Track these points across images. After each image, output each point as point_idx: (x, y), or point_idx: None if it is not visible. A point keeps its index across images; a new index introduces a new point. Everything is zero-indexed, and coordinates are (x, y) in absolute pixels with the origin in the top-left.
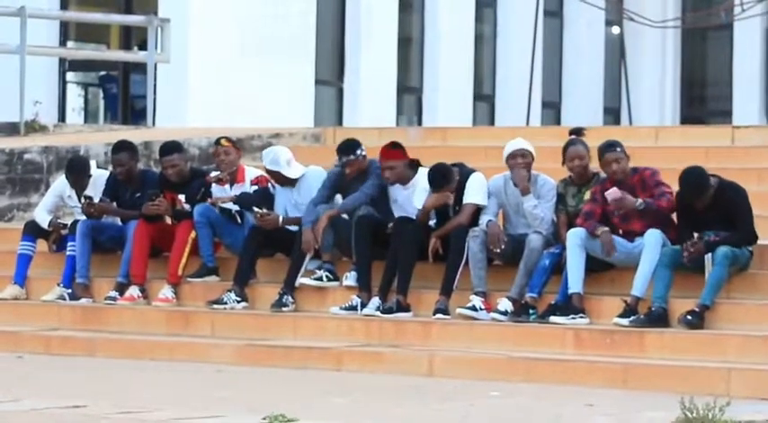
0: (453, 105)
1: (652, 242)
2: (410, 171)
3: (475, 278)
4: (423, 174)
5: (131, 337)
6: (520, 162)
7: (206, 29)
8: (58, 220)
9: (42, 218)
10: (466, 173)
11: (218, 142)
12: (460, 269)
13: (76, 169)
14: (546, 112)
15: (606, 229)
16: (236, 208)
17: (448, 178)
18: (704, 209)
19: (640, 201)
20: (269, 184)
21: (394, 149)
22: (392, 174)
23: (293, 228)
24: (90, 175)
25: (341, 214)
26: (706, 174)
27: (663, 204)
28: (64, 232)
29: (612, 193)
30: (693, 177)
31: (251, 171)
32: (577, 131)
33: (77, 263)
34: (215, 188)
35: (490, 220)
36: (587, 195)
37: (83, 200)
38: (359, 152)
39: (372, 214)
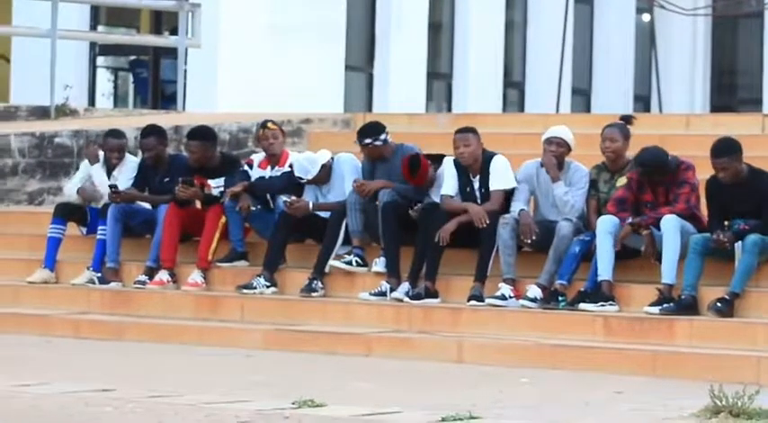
0: (483, 92)
1: (670, 228)
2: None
3: (504, 265)
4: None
5: (160, 322)
6: (553, 150)
7: (237, 14)
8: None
9: (71, 193)
10: (488, 156)
11: (264, 125)
12: (493, 255)
13: (116, 133)
14: (576, 98)
15: (648, 232)
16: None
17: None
18: (733, 197)
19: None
20: None
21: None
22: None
23: (324, 214)
24: (125, 145)
25: (394, 188)
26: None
27: (663, 211)
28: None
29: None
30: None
31: (294, 156)
32: (626, 118)
33: (107, 247)
34: (256, 171)
35: (522, 210)
36: (620, 182)
37: (109, 189)
38: (383, 137)
39: (397, 200)
